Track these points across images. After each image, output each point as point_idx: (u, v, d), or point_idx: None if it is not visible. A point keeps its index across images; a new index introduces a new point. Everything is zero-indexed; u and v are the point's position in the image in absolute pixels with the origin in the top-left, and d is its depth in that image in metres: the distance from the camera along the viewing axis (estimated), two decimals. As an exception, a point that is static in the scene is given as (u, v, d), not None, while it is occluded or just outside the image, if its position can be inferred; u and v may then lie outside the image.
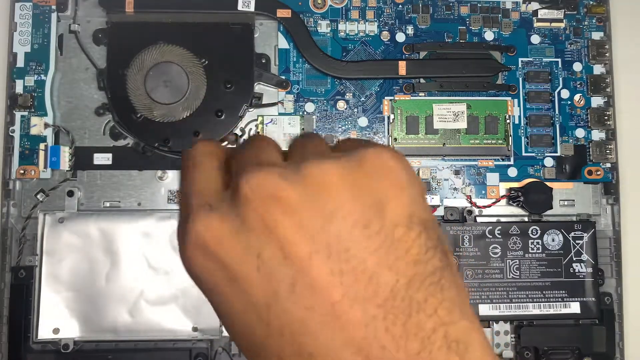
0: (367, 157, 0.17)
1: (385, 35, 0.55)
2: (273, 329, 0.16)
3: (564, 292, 0.51)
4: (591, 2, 0.56)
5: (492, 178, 0.53)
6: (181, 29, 0.52)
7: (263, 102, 0.53)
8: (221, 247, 0.17)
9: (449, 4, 0.55)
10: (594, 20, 0.56)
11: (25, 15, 0.52)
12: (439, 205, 0.53)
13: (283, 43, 0.54)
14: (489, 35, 0.55)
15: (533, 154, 0.54)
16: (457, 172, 0.53)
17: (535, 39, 0.55)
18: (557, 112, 0.55)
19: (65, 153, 0.51)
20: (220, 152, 0.20)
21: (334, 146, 0.21)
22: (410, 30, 0.55)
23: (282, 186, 0.16)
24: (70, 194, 0.51)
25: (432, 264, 0.16)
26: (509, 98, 0.54)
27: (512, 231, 0.51)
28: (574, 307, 0.51)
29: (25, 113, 0.51)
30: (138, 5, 0.52)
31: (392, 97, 0.54)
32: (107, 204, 0.51)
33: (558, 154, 0.54)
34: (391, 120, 0.53)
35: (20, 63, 0.52)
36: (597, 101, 0.55)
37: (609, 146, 0.54)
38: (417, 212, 0.17)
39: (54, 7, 0.52)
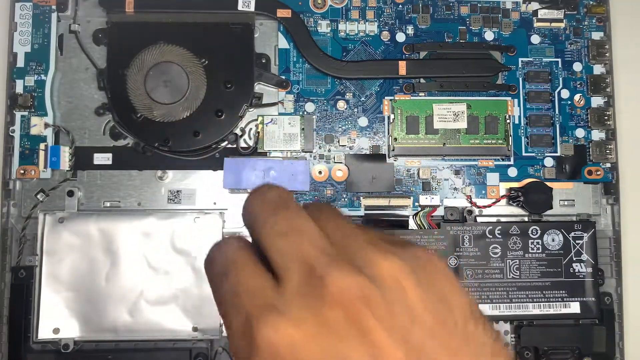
0: (420, 256, 0.18)
1: (385, 35, 0.55)
2: None
3: (564, 292, 0.51)
4: (591, 2, 0.56)
5: (492, 178, 0.53)
6: (181, 29, 0.52)
7: (263, 102, 0.53)
8: (299, 356, 0.15)
9: (449, 4, 0.55)
10: (594, 20, 0.56)
11: (25, 15, 0.52)
12: (439, 205, 0.53)
13: (283, 43, 0.54)
14: (489, 35, 0.55)
15: (533, 154, 0.54)
16: (457, 172, 0.53)
17: (535, 39, 0.55)
18: (557, 112, 0.55)
19: (65, 153, 0.51)
20: (250, 244, 0.19)
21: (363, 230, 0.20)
22: (410, 30, 0.55)
23: (370, 288, 0.16)
24: (70, 194, 0.51)
25: (504, 353, 0.17)
26: (509, 98, 0.54)
27: (512, 231, 0.51)
28: (574, 307, 0.51)
29: (26, 113, 0.51)
30: (138, 5, 0.52)
31: (392, 97, 0.54)
32: (107, 204, 0.51)
33: (558, 154, 0.54)
34: (391, 120, 0.53)
35: (20, 63, 0.52)
36: (597, 101, 0.55)
37: (609, 146, 0.54)
38: (473, 306, 0.18)
39: (54, 7, 0.52)
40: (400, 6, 0.55)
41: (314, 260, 0.16)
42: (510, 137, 0.53)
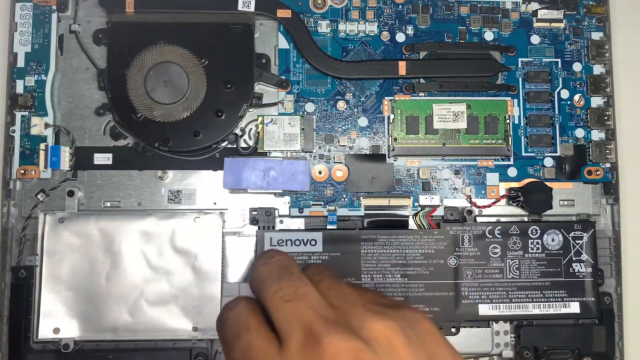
0: (408, 315, 0.20)
1: (385, 36, 0.55)
2: None
3: (563, 292, 0.51)
4: (591, 2, 0.56)
5: (492, 178, 0.54)
6: (181, 29, 0.52)
7: (263, 102, 0.53)
8: None
9: (448, 4, 0.55)
10: (593, 21, 0.56)
11: (25, 15, 0.52)
12: (439, 205, 0.53)
13: (283, 43, 0.54)
14: (488, 36, 0.55)
15: (533, 154, 0.54)
16: (457, 172, 0.54)
17: (535, 39, 0.55)
18: (556, 112, 0.55)
19: (65, 153, 0.51)
20: (258, 305, 0.21)
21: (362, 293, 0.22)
22: (410, 30, 0.55)
23: (363, 350, 0.18)
24: (71, 194, 0.51)
25: None
26: (509, 98, 0.54)
27: (511, 231, 0.52)
28: (574, 307, 0.51)
29: (26, 113, 0.52)
30: (138, 5, 0.52)
31: (392, 97, 0.54)
32: (108, 204, 0.51)
33: (558, 154, 0.54)
34: (391, 120, 0.53)
35: (20, 63, 0.52)
36: (596, 101, 0.55)
37: (609, 146, 0.54)
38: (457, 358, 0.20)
39: (54, 7, 0.52)
40: (400, 6, 0.55)
41: (314, 324, 0.18)
42: (510, 137, 0.54)
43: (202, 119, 0.51)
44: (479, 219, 0.53)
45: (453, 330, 0.51)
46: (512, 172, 0.54)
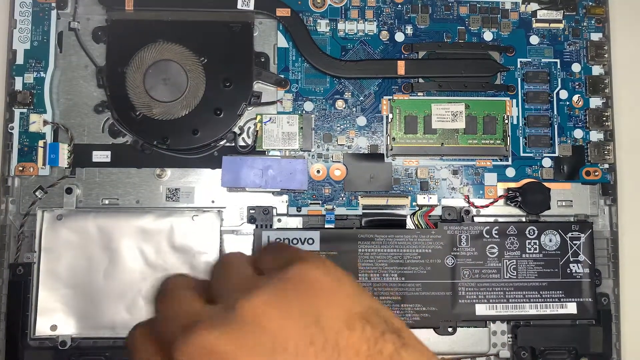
0: (290, 277, 0.18)
1: (384, 35, 0.55)
2: None
3: (560, 292, 0.51)
4: (590, 3, 0.56)
5: (490, 178, 0.54)
6: (181, 27, 0.52)
7: (262, 101, 0.53)
8: None
9: (448, 4, 0.55)
10: (592, 21, 0.56)
11: (25, 12, 0.52)
12: (436, 205, 0.53)
13: (282, 42, 0.54)
14: (487, 36, 0.55)
15: (531, 155, 0.54)
16: (455, 172, 0.54)
17: (534, 39, 0.55)
18: (555, 112, 0.55)
19: (64, 150, 0.51)
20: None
21: (257, 258, 0.20)
22: (409, 30, 0.55)
23: (215, 342, 0.16)
24: (69, 191, 0.51)
25: (386, 351, 0.16)
26: (508, 98, 0.54)
27: (509, 231, 0.52)
28: (571, 308, 0.51)
29: (25, 110, 0.52)
30: (138, 3, 0.52)
31: (390, 97, 0.54)
32: (106, 202, 0.52)
33: (556, 155, 0.54)
34: (390, 120, 0.53)
35: (19, 60, 0.52)
36: (595, 102, 0.55)
37: (607, 147, 0.54)
38: (352, 308, 0.17)
39: (53, 4, 0.52)
40: (399, 6, 0.55)
41: (172, 334, 0.17)
42: (508, 138, 0.54)
43: (201, 117, 0.51)
44: (476, 219, 0.53)
45: (450, 330, 0.51)
46: (510, 172, 0.54)
